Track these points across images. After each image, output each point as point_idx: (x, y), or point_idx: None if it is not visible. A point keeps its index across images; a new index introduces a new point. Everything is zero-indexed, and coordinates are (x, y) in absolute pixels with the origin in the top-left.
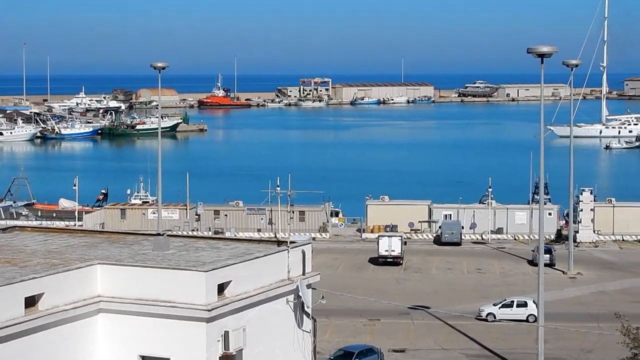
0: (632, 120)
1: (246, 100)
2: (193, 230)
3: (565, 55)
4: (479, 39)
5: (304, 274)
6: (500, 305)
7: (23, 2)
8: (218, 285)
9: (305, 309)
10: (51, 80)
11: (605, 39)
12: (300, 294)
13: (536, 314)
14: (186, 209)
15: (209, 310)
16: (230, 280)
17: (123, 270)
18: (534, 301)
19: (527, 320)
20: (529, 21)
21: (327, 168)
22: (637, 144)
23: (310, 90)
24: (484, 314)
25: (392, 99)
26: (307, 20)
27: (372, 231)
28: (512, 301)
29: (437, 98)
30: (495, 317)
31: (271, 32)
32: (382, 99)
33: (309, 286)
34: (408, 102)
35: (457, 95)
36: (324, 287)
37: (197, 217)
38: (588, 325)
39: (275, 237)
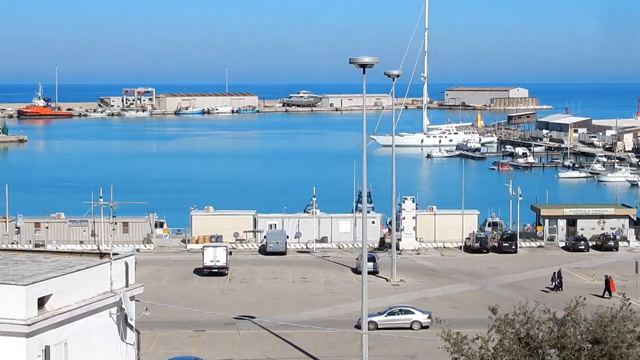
0: (452, 130)
1: (68, 110)
2: (12, 243)
3: (387, 65)
4: (303, 49)
5: (127, 286)
6: None
7: None
8: (38, 299)
9: (129, 321)
10: None
11: (426, 50)
12: (123, 306)
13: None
14: (5, 222)
15: (28, 325)
16: (51, 294)
17: None
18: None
19: None
20: (352, 32)
21: (151, 179)
22: (457, 152)
23: (133, 100)
24: None
25: (217, 109)
26: (130, 29)
27: (197, 242)
28: None
29: (261, 108)
30: None
31: (94, 41)
32: (206, 109)
33: (132, 298)
34: (232, 112)
35: (281, 105)
36: (148, 299)
37: (16, 229)
38: (411, 332)
39: (98, 249)
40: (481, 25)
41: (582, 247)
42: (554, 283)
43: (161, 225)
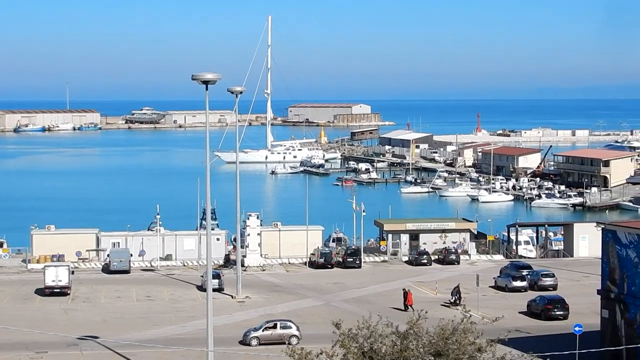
0: (296, 146)
1: None
2: None
3: (231, 81)
4: (146, 65)
5: None
6: None
7: None
8: None
9: None
10: None
11: (269, 67)
12: None
13: None
14: None
15: None
16: None
17: None
18: None
19: None
20: (195, 48)
21: None
22: (301, 169)
23: None
24: None
25: (58, 126)
26: None
27: (38, 261)
28: None
29: (103, 125)
30: None
31: None
32: (47, 126)
33: None
34: (74, 128)
35: (124, 122)
36: None
37: None
38: (257, 348)
39: None
40: (324, 42)
41: (425, 261)
42: (454, 297)
43: (0, 245)
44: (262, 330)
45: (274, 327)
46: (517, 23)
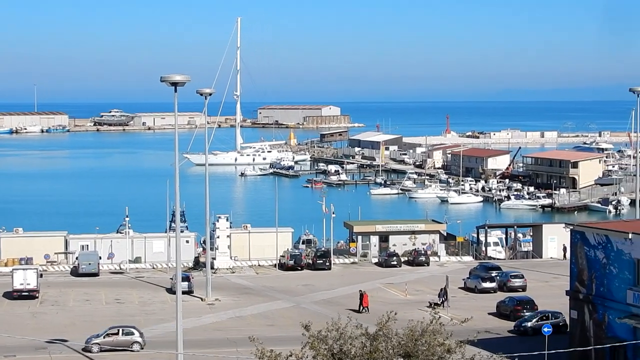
0: (266, 148)
1: None
2: None
3: (200, 83)
4: (115, 67)
5: None
6: None
7: None
8: None
9: None
10: None
11: (238, 69)
12: None
13: None
14: None
15: None
16: None
17: None
18: None
19: None
20: (165, 49)
21: None
22: (270, 170)
23: None
24: None
25: (26, 128)
26: None
27: (6, 265)
28: None
29: (72, 127)
30: None
31: None
32: (14, 128)
33: None
34: (42, 131)
35: (92, 124)
36: None
37: None
38: (226, 350)
39: None
40: (293, 44)
41: (395, 262)
42: (441, 299)
43: None
44: (104, 337)
45: (117, 333)
46: (485, 25)
